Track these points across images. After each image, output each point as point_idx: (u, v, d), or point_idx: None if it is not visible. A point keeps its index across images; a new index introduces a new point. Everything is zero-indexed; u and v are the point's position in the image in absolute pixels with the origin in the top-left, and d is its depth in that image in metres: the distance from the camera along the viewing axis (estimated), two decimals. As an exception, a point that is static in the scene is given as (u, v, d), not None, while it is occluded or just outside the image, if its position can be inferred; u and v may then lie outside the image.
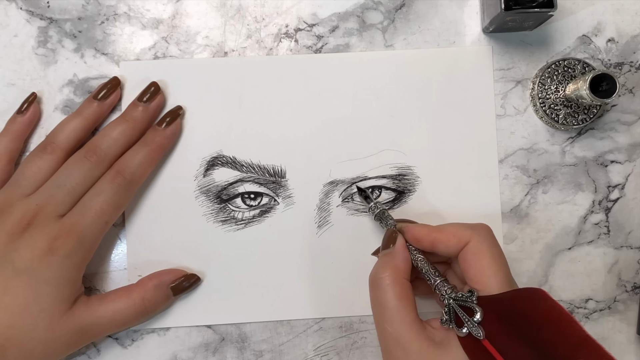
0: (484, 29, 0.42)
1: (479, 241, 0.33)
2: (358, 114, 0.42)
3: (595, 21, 0.43)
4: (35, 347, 0.35)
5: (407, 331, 0.32)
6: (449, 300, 0.33)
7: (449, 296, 0.33)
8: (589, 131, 0.43)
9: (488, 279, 0.32)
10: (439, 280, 0.34)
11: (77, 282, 0.37)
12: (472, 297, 0.32)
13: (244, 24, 0.42)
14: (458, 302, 0.32)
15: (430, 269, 0.35)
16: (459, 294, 0.33)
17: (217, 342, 0.41)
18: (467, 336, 0.31)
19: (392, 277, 0.34)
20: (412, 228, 0.36)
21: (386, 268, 0.34)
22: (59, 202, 0.36)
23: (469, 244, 0.33)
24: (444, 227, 0.35)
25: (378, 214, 0.38)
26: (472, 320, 0.31)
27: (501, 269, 0.33)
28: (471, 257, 0.33)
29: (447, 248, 0.34)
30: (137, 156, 0.39)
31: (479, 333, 0.31)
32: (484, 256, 0.33)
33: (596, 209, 0.43)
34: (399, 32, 0.43)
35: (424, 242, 0.35)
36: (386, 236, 0.37)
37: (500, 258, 0.33)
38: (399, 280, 0.34)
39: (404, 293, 0.33)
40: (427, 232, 0.35)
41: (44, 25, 0.42)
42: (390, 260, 0.35)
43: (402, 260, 0.35)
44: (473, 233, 0.34)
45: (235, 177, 0.41)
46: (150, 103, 0.40)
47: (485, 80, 0.42)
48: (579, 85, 0.39)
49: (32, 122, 0.41)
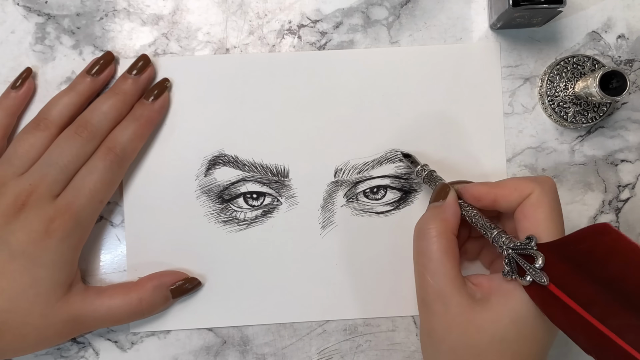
0: (492, 25, 0.42)
1: (542, 193, 0.33)
2: (363, 112, 0.42)
3: (605, 17, 0.42)
4: (30, 332, 0.35)
5: (450, 285, 0.32)
6: (507, 251, 0.32)
7: (507, 246, 0.32)
8: (599, 129, 0.42)
9: (541, 231, 0.32)
10: (496, 232, 0.33)
11: (74, 264, 0.37)
12: (531, 244, 0.31)
13: (246, 20, 0.42)
14: (517, 250, 0.32)
15: (486, 222, 0.34)
16: (517, 242, 0.32)
17: (219, 346, 0.41)
18: (532, 284, 0.31)
19: (440, 230, 0.33)
20: (470, 187, 0.35)
21: (435, 220, 0.34)
22: (52, 181, 0.36)
23: (531, 195, 0.33)
24: (505, 182, 0.34)
25: (427, 176, 0.38)
26: (534, 267, 0.31)
27: (556, 223, 0.32)
28: (529, 209, 0.33)
29: (508, 202, 0.34)
30: (127, 132, 0.38)
31: (543, 279, 0.30)
32: (544, 209, 0.32)
33: (606, 209, 0.42)
34: (404, 29, 0.42)
35: (484, 200, 0.35)
36: (437, 189, 0.36)
37: (559, 213, 0.33)
38: (446, 233, 0.33)
39: (450, 247, 0.33)
40: (487, 189, 0.35)
41: (41, 21, 0.41)
42: (440, 213, 0.34)
43: (452, 215, 0.34)
44: (536, 185, 0.33)
45: (237, 177, 0.41)
46: (140, 75, 0.40)
47: (492, 77, 0.42)
48: (588, 82, 0.38)
49: (27, 97, 0.40)
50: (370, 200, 0.41)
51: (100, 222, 0.41)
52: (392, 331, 0.41)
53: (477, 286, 0.33)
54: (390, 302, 0.41)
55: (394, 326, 0.41)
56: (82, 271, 0.40)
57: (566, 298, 0.29)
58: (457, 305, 0.32)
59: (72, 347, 0.40)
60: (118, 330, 0.41)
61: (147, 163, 0.41)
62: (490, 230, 0.34)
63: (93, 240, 0.40)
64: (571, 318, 0.29)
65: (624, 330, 0.28)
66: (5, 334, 0.34)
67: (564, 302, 0.29)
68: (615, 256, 0.29)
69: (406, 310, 0.41)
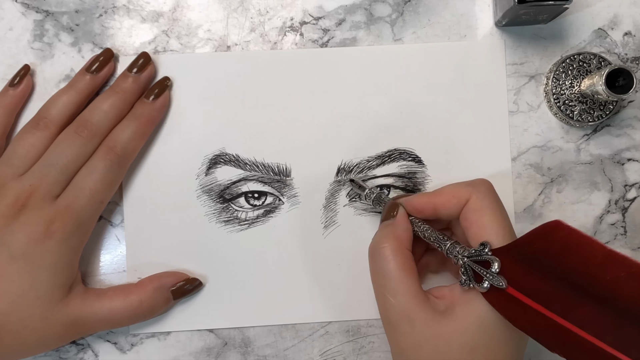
0: (497, 22, 0.41)
1: (479, 197, 0.33)
2: (365, 111, 0.41)
3: (611, 14, 0.42)
4: (30, 336, 0.35)
5: (412, 302, 0.32)
6: (463, 260, 0.32)
7: (462, 255, 0.32)
8: (605, 128, 0.42)
9: (490, 236, 0.32)
10: (449, 243, 0.33)
11: (74, 266, 0.37)
12: (485, 250, 0.31)
13: (248, 17, 0.41)
14: (472, 258, 0.32)
15: (439, 235, 0.34)
16: (472, 250, 0.32)
17: (220, 347, 0.41)
18: (490, 290, 0.31)
19: (394, 247, 0.33)
20: (411, 199, 0.35)
21: (388, 238, 0.34)
22: (52, 182, 0.36)
23: (469, 201, 0.33)
24: (442, 189, 0.34)
25: (375, 198, 0.38)
26: (490, 272, 0.30)
27: (503, 225, 0.32)
28: (472, 215, 0.32)
29: (448, 210, 0.34)
30: (128, 131, 0.38)
31: (501, 282, 0.30)
32: (485, 212, 0.32)
33: (612, 208, 0.42)
34: (408, 26, 0.42)
35: (425, 210, 0.34)
36: (386, 207, 0.36)
37: (502, 213, 0.33)
38: (401, 250, 0.33)
39: (407, 263, 0.33)
40: (426, 199, 0.34)
41: (40, 18, 0.41)
42: (392, 230, 0.34)
43: (404, 231, 0.34)
44: (473, 190, 0.33)
45: (238, 176, 0.41)
46: (141, 74, 0.39)
47: (497, 75, 0.41)
48: (594, 80, 0.38)
49: (25, 95, 0.40)
50: (374, 200, 0.41)
51: (100, 222, 0.40)
52: (395, 332, 0.41)
53: (440, 298, 0.33)
54: (394, 303, 0.40)
55: (398, 327, 0.41)
56: (82, 272, 0.39)
57: (525, 298, 0.29)
58: (422, 322, 0.31)
59: (71, 348, 0.40)
60: (117, 332, 0.40)
61: (147, 162, 0.41)
62: (443, 242, 0.34)
63: (92, 240, 0.40)
64: (533, 318, 0.29)
65: (585, 323, 0.27)
66: (5, 337, 0.34)
67: (524, 303, 0.29)
68: (570, 251, 0.29)
69: (410, 311, 0.40)
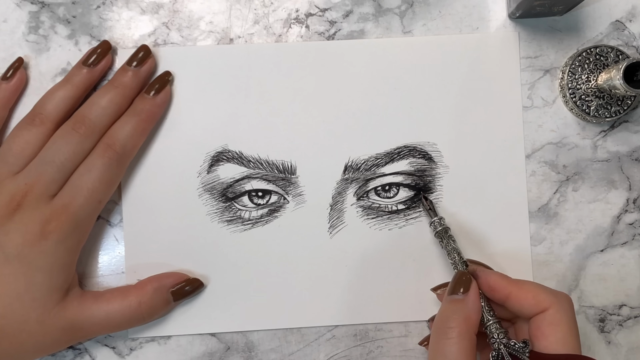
0: (510, 14, 0.41)
1: (559, 311, 0.32)
2: (374, 106, 0.40)
3: (629, 5, 0.41)
4: (27, 340, 0.34)
5: None
6: (499, 345, 0.32)
7: (500, 340, 0.32)
8: (623, 124, 0.41)
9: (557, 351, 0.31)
10: (492, 321, 0.33)
11: (71, 268, 0.36)
12: (526, 350, 0.31)
13: (251, 9, 0.41)
14: (509, 349, 0.32)
15: (486, 305, 0.34)
16: (512, 341, 0.32)
17: (222, 352, 0.40)
18: None
19: (462, 330, 0.32)
20: (488, 275, 0.34)
21: (457, 317, 0.32)
22: (49, 181, 0.35)
23: (547, 311, 0.32)
24: (524, 284, 0.34)
25: (439, 232, 0.38)
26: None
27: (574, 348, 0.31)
28: (547, 327, 0.32)
29: (521, 307, 0.33)
30: (127, 127, 0.37)
31: None
32: (561, 329, 0.32)
33: (630, 207, 0.41)
34: (418, 17, 0.41)
35: (498, 293, 0.34)
36: (456, 278, 0.35)
37: (577, 334, 0.32)
38: (469, 334, 0.32)
39: (470, 349, 0.32)
40: (505, 284, 0.34)
41: (35, 9, 0.40)
42: (462, 308, 0.33)
43: (475, 312, 0.33)
44: (555, 301, 0.32)
45: (241, 174, 0.40)
46: (140, 67, 0.39)
47: (511, 69, 0.41)
48: (612, 74, 0.37)
49: (18, 89, 0.39)
50: (382, 199, 0.40)
51: (98, 222, 0.40)
52: (404, 337, 0.40)
53: None
54: (403, 306, 0.40)
55: (407, 331, 0.40)
56: (78, 274, 0.39)
57: None
58: None
59: (67, 353, 0.40)
60: (116, 336, 0.40)
61: (147, 159, 0.40)
62: (486, 315, 0.34)
63: (90, 241, 0.39)
64: None
65: None
66: (1, 341, 0.34)
67: None
68: None
69: (420, 315, 0.40)
